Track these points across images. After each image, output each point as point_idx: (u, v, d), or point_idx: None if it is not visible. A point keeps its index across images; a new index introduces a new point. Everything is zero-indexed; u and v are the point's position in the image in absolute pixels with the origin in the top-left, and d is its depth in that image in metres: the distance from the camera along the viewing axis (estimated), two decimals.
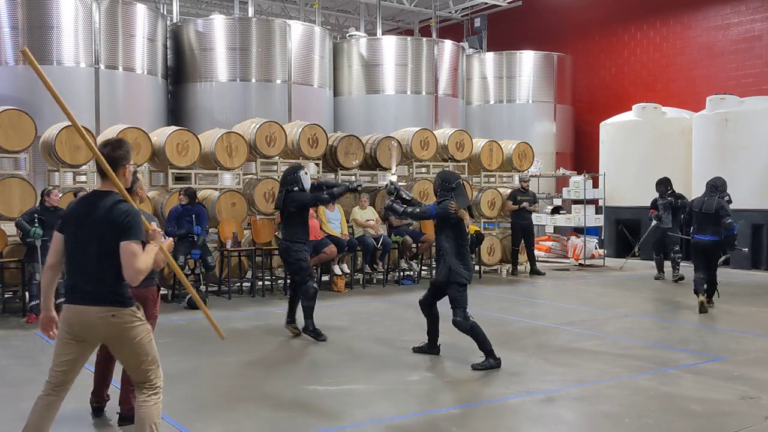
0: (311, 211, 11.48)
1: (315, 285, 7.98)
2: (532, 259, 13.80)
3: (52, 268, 4.08)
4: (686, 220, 10.49)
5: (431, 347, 7.24)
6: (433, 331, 7.24)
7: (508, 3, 22.13)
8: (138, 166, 10.79)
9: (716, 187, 9.83)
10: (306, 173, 8.09)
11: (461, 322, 6.71)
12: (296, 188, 7.95)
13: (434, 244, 7.46)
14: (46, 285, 4.11)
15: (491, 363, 6.62)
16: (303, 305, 7.96)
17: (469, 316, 6.73)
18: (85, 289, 3.93)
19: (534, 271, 13.66)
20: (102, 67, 14.22)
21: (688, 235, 10.46)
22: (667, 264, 13.75)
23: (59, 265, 4.07)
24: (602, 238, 16.15)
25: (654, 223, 13.01)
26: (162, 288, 10.62)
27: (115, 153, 4.04)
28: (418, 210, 7.07)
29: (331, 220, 11.64)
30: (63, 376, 4.01)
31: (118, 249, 3.83)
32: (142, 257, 3.84)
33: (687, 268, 13.77)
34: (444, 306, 6.99)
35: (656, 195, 13.18)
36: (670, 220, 12.91)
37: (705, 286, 9.60)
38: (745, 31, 17.94)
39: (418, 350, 7.28)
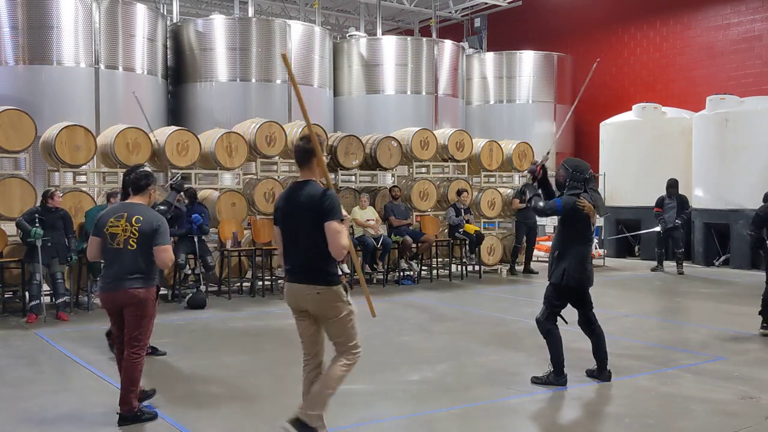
0: None
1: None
2: (529, 257, 13.83)
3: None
4: (757, 239, 8.33)
5: (600, 372, 6.16)
6: (597, 351, 6.14)
7: (508, 3, 22.12)
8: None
9: None
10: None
11: (541, 320, 6.06)
12: None
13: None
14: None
15: (551, 379, 5.97)
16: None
17: (551, 318, 6.02)
18: (299, 270, 4.42)
19: (527, 269, 13.70)
20: (102, 67, 14.22)
21: (760, 248, 8.44)
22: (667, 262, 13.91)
23: None
24: (602, 238, 16.14)
25: (678, 222, 13.52)
26: (162, 288, 10.62)
27: (308, 146, 4.44)
28: (541, 204, 6.08)
29: None
30: (310, 347, 4.60)
31: (323, 231, 4.25)
32: (344, 234, 4.27)
33: (688, 267, 13.89)
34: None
35: (662, 194, 13.83)
36: (674, 218, 13.55)
37: None
38: (745, 31, 17.94)
39: (589, 374, 6.24)
